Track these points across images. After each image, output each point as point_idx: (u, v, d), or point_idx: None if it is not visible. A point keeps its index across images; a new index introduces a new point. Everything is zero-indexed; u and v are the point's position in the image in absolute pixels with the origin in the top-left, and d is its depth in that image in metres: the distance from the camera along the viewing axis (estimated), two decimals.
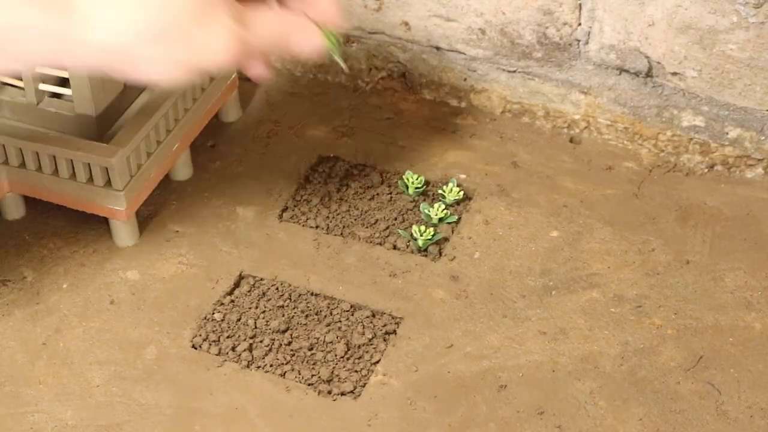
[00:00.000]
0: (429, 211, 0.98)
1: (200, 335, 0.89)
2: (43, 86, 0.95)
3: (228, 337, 0.89)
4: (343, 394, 0.85)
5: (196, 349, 0.89)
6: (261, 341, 0.89)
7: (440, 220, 0.98)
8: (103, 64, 0.72)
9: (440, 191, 1.00)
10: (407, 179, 1.00)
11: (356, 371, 0.87)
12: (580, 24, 1.01)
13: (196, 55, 0.73)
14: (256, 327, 0.90)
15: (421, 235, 0.95)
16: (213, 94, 1.04)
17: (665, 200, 1.00)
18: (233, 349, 0.88)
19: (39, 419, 0.83)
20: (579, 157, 1.05)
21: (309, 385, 0.86)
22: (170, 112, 0.98)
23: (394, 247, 0.96)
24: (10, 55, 0.71)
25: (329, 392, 0.85)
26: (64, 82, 0.95)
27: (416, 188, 1.00)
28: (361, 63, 1.12)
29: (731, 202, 1.00)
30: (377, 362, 0.87)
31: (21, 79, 0.95)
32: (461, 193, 1.00)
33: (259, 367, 0.87)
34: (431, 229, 0.96)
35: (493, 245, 0.96)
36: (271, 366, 0.87)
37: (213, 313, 0.91)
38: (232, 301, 0.92)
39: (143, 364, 0.87)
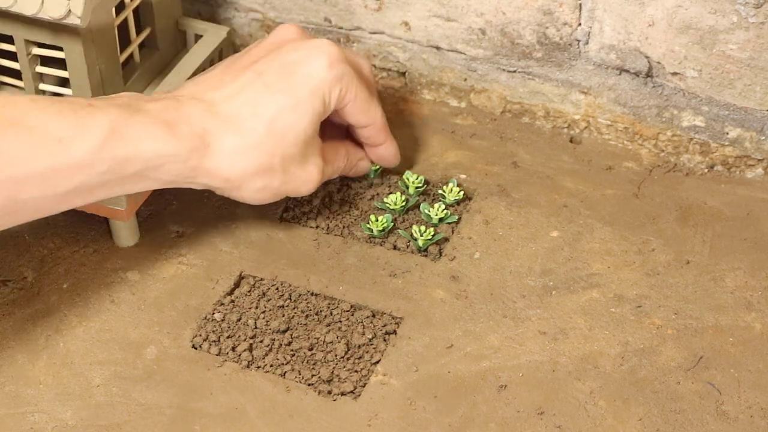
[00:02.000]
0: (429, 211, 0.98)
1: (200, 335, 0.89)
2: (43, 86, 0.95)
3: (228, 337, 0.89)
4: (343, 394, 0.85)
5: (196, 349, 0.89)
6: (261, 341, 0.89)
7: (440, 220, 0.98)
8: (216, 187, 0.89)
9: (440, 191, 1.00)
10: (407, 179, 1.00)
11: (356, 371, 0.87)
12: (580, 24, 1.01)
13: (289, 186, 0.91)
14: (256, 327, 0.90)
15: (421, 235, 0.95)
16: None
17: (665, 200, 1.00)
18: (233, 349, 0.88)
19: (39, 419, 0.83)
20: (579, 157, 1.05)
21: (309, 385, 0.86)
22: None
23: (394, 247, 0.96)
24: (152, 179, 0.85)
25: (329, 392, 0.85)
26: (64, 82, 0.95)
27: (416, 188, 1.00)
28: None
29: (731, 202, 1.00)
30: (377, 362, 0.87)
31: (21, 79, 0.95)
32: (461, 193, 1.00)
33: (259, 367, 0.87)
34: (431, 229, 0.96)
35: (493, 245, 0.96)
36: (271, 366, 0.87)
37: (213, 313, 0.91)
38: (232, 301, 0.92)
39: (143, 364, 0.87)
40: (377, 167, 1.01)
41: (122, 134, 0.83)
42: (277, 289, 0.93)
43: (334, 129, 1.00)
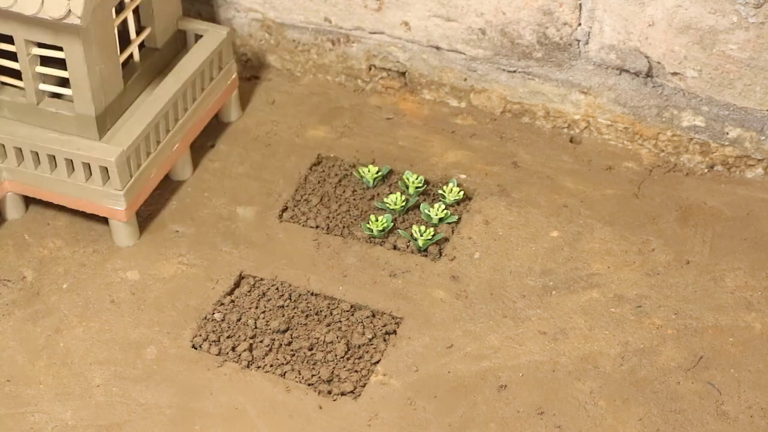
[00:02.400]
0: (429, 211, 0.98)
1: (200, 335, 0.89)
2: (43, 86, 0.95)
3: (228, 337, 0.89)
4: (343, 394, 0.85)
5: (196, 349, 0.89)
6: (261, 341, 0.89)
7: (440, 220, 0.98)
8: None
9: (440, 191, 1.00)
10: (407, 179, 1.00)
11: (356, 371, 0.87)
12: (580, 24, 1.01)
13: None
14: (256, 327, 0.90)
15: (421, 235, 0.95)
16: (213, 94, 1.04)
17: (665, 200, 1.00)
18: (233, 349, 0.88)
19: (39, 419, 0.83)
20: (579, 157, 1.05)
21: (309, 385, 0.86)
22: (170, 112, 0.98)
23: (394, 247, 0.96)
24: None
25: (329, 392, 0.85)
26: (64, 82, 0.95)
27: (416, 188, 1.00)
28: (361, 63, 1.12)
29: (731, 202, 1.00)
30: (377, 362, 0.87)
31: (21, 79, 0.95)
32: (461, 193, 1.00)
33: (259, 367, 0.87)
34: (431, 229, 0.96)
35: (493, 245, 0.96)
36: (271, 366, 0.87)
37: (213, 313, 0.91)
38: (232, 301, 0.92)
39: (143, 364, 0.87)
40: (377, 175, 1.00)
41: None
42: (277, 289, 0.93)
43: None
